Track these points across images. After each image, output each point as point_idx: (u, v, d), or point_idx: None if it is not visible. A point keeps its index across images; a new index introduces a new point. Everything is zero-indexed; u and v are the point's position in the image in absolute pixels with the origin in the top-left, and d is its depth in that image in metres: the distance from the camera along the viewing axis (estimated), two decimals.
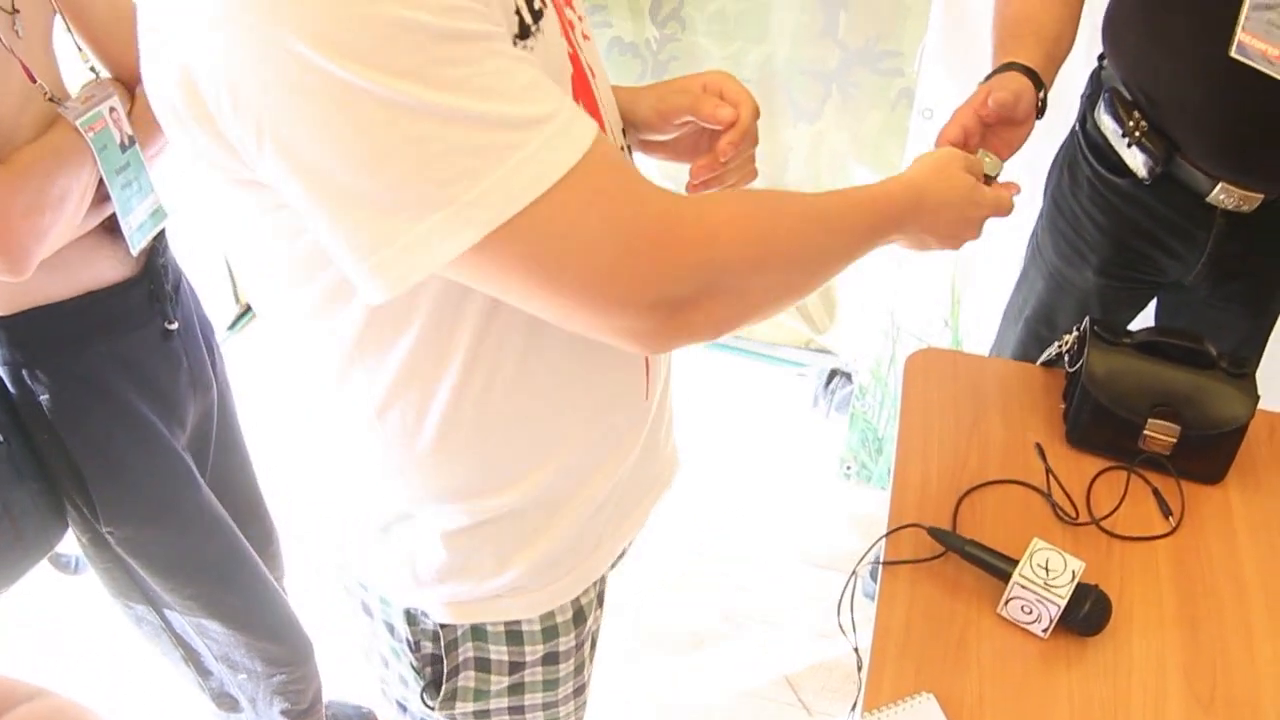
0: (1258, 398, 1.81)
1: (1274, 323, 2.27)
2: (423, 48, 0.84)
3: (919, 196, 1.33)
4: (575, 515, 1.33)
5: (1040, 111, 1.74)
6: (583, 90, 1.14)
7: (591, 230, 0.92)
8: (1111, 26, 2.09)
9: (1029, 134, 1.72)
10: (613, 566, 1.50)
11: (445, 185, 0.86)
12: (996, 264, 2.69)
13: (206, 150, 0.93)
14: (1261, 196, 2.00)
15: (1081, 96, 2.20)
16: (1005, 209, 1.52)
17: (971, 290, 2.94)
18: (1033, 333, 2.38)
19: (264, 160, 0.88)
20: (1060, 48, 1.87)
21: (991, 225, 1.50)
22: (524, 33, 0.98)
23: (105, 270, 1.77)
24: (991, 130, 1.67)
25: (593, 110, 1.16)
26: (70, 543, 1.94)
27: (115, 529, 1.89)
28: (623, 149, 1.26)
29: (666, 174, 3.10)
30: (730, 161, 1.36)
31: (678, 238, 0.96)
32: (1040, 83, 1.74)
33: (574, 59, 1.12)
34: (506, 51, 0.90)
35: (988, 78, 1.76)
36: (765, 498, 3.32)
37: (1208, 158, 2.00)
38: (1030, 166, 2.33)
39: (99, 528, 1.88)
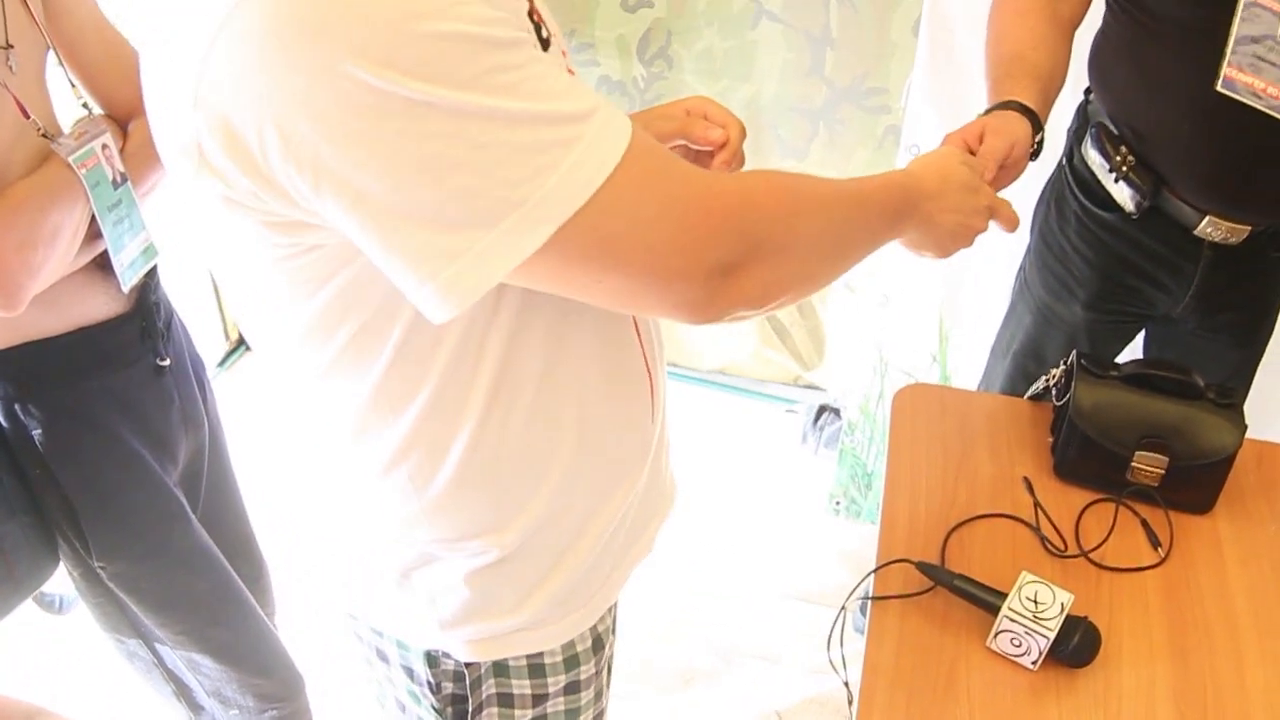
0: (1245, 427, 1.81)
1: (1261, 351, 2.27)
2: (475, 57, 0.85)
3: (923, 185, 1.35)
4: (591, 542, 1.33)
5: (1035, 154, 1.76)
6: None
7: (649, 209, 0.94)
8: (1097, 61, 2.10)
9: (1019, 176, 1.73)
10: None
11: (517, 186, 0.88)
12: (984, 299, 2.70)
13: (244, 196, 0.92)
14: (1249, 229, 2.01)
15: (1068, 131, 2.21)
16: (1006, 213, 1.54)
17: (959, 326, 2.95)
18: (1021, 368, 2.38)
19: (320, 198, 0.88)
20: (1054, 86, 1.89)
21: (979, 259, 1.51)
22: (543, 48, 1.00)
23: (97, 306, 1.77)
24: None
25: None
26: (59, 579, 1.93)
27: (107, 564, 1.88)
28: None
29: None
30: None
31: (724, 206, 0.99)
32: (1038, 124, 1.76)
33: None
34: (541, 56, 0.91)
35: (986, 112, 1.77)
36: (755, 534, 3.31)
37: (1195, 191, 2.00)
38: (1017, 201, 2.34)
39: (91, 563, 1.87)
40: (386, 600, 1.33)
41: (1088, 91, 2.14)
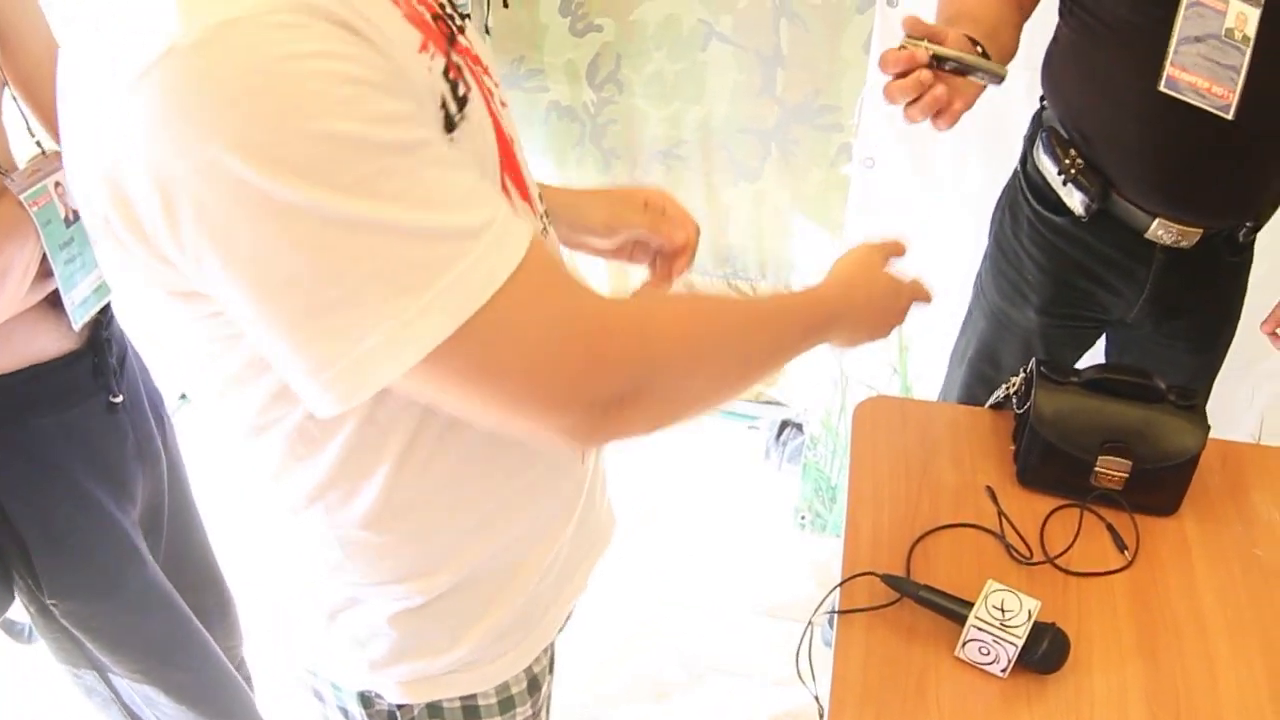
0: (1208, 428, 1.81)
1: (1222, 356, 2.28)
2: (362, 161, 0.81)
3: (848, 297, 1.35)
4: (522, 584, 1.31)
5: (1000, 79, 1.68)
6: (508, 162, 1.13)
7: (531, 333, 0.90)
8: (1049, 67, 2.11)
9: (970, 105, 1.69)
10: (560, 630, 1.47)
11: (390, 300, 0.84)
12: (943, 308, 2.68)
13: (143, 263, 0.90)
14: (1200, 231, 2.01)
15: (1024, 139, 2.21)
16: (925, 297, 1.56)
17: (919, 336, 2.94)
18: (977, 373, 2.38)
19: (205, 277, 0.86)
20: (999, 34, 1.84)
21: (937, 268, 1.50)
22: (449, 125, 0.96)
23: (49, 344, 1.74)
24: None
25: (518, 180, 1.15)
26: (21, 609, 1.90)
27: (60, 602, 1.85)
28: (543, 214, 1.26)
29: None
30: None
31: (613, 337, 0.96)
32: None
33: (497, 130, 1.11)
34: (442, 158, 0.88)
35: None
36: (722, 550, 3.28)
37: (1143, 193, 2.01)
38: (974, 208, 2.34)
39: (44, 600, 1.83)
40: (316, 642, 1.31)
41: (1043, 99, 2.14)
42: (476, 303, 0.86)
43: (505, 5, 3.02)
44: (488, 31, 2.98)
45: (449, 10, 1.11)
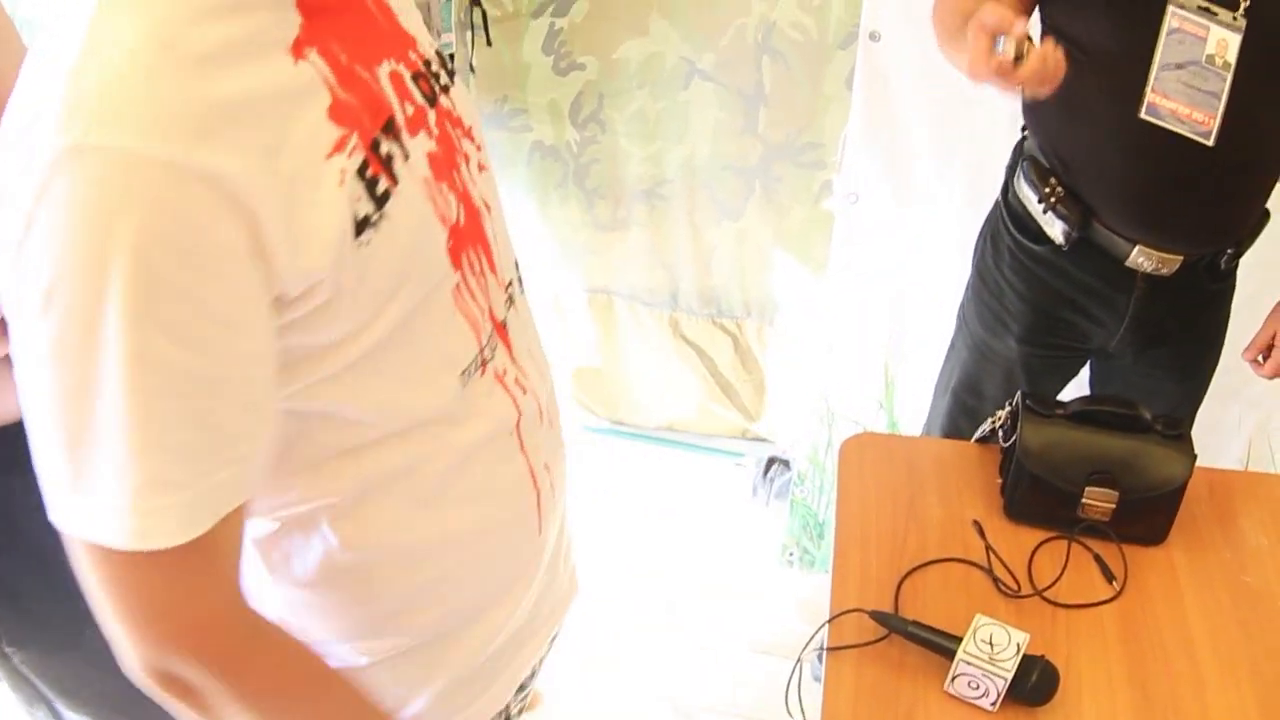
0: (1194, 457, 1.80)
1: (1206, 383, 2.27)
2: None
3: None
4: (474, 649, 1.31)
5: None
6: (473, 232, 1.14)
7: (140, 592, 0.98)
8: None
9: None
10: (520, 692, 1.47)
11: (99, 469, 0.90)
12: (928, 343, 2.69)
13: None
14: (1180, 258, 2.01)
15: (1005, 169, 2.22)
16: None
17: (905, 370, 2.93)
18: (960, 403, 2.38)
19: None
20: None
21: (921, 303, 1.50)
22: (360, 228, 0.96)
23: (13, 403, 1.72)
24: None
25: (485, 251, 1.17)
26: None
27: (17, 650, 1.84)
28: (511, 283, 1.27)
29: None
30: None
31: (207, 644, 1.01)
32: None
33: (465, 198, 1.12)
34: (237, 397, 0.92)
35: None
36: (710, 587, 3.26)
37: (1123, 220, 2.01)
38: (959, 242, 2.34)
39: (2, 647, 1.81)
40: None
41: (1024, 129, 2.14)
42: (120, 542, 0.92)
43: (489, 44, 3.02)
44: (472, 70, 2.97)
45: (436, 68, 1.13)
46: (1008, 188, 2.19)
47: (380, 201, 0.98)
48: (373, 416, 1.08)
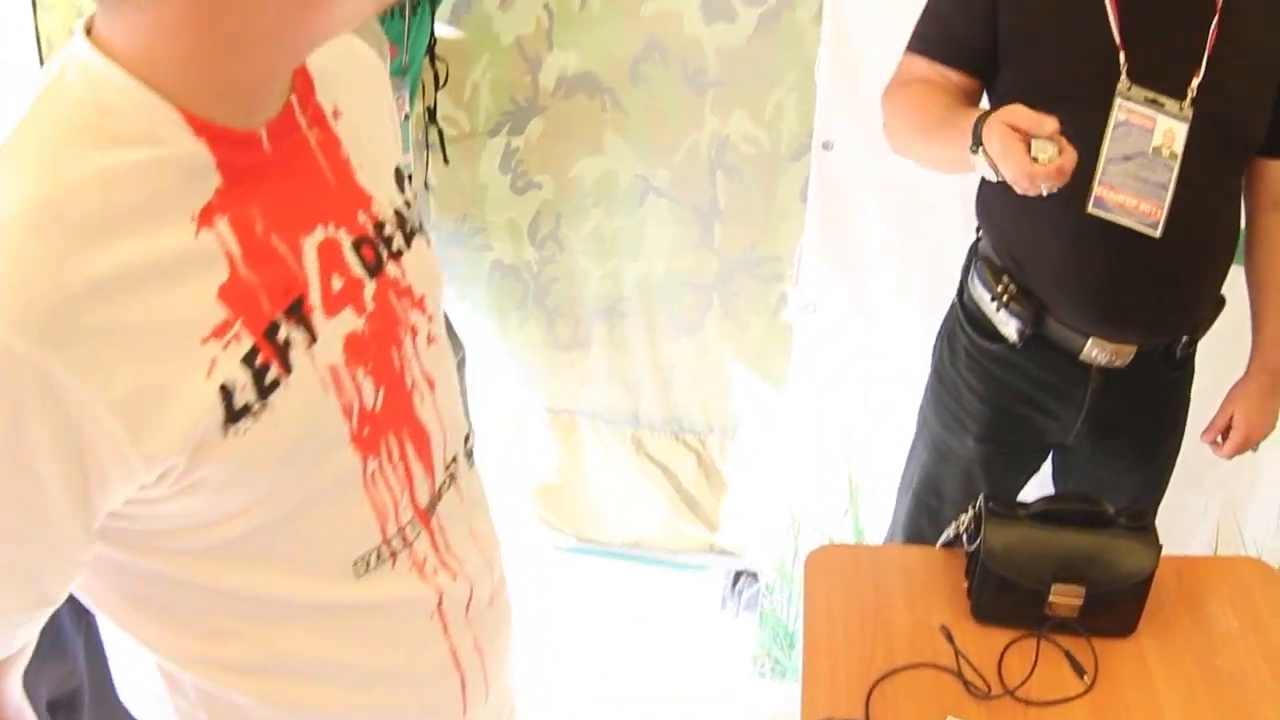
0: (1160, 547, 1.80)
1: (1168, 471, 2.28)
2: None
3: None
4: None
5: None
6: (395, 416, 1.10)
7: None
8: (982, 196, 2.14)
9: None
10: None
11: None
12: (891, 447, 2.68)
13: None
14: (1134, 349, 2.03)
15: (961, 269, 2.23)
16: None
17: (869, 476, 2.92)
18: (921, 504, 2.37)
19: None
20: None
21: (883, 409, 1.49)
22: (236, 416, 0.92)
23: None
24: None
25: (415, 435, 1.12)
26: None
27: None
28: (454, 460, 1.22)
29: None
30: None
31: None
32: None
33: (393, 379, 1.08)
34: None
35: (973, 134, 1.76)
36: (682, 701, 3.21)
37: (1075, 314, 2.02)
38: (919, 345, 2.35)
39: None
40: None
41: (979, 230, 2.16)
42: None
43: (445, 162, 3.03)
44: (426, 186, 2.98)
45: (390, 230, 1.09)
46: (963, 288, 2.21)
47: (266, 391, 0.93)
48: (256, 595, 1.04)
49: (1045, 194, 1.66)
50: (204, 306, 0.89)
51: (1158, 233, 1.88)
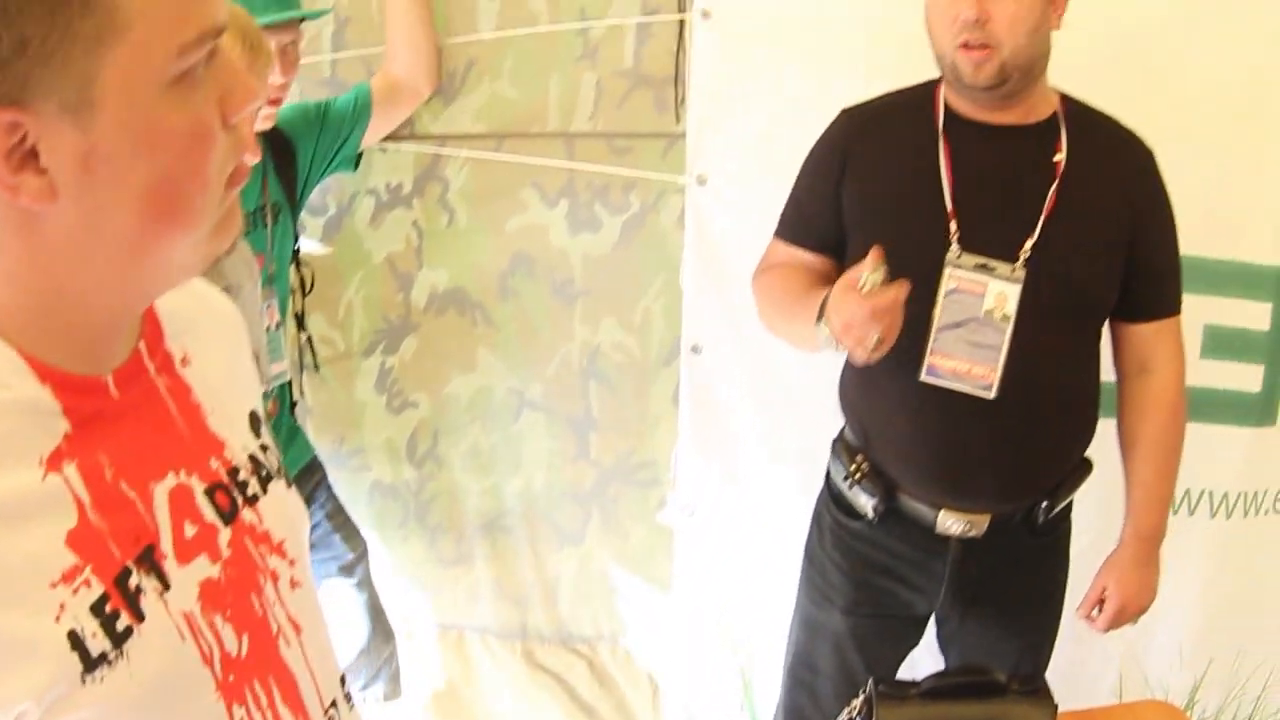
0: (1055, 707, 1.80)
1: (1048, 634, 2.27)
2: None
3: None
4: None
5: None
6: (262, 662, 1.06)
7: None
8: (840, 379, 2.20)
9: None
10: None
11: None
12: (780, 638, 2.68)
13: None
14: (988, 517, 2.04)
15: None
16: None
17: (761, 668, 2.90)
18: (797, 680, 2.36)
19: None
20: None
21: (768, 601, 1.49)
22: (93, 665, 0.89)
23: None
24: None
25: (281, 680, 1.08)
26: None
27: None
28: (334, 704, 1.17)
29: None
30: None
31: None
32: None
33: (257, 625, 1.05)
34: None
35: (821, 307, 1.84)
36: None
37: (922, 486, 2.06)
38: (798, 535, 2.37)
39: None
40: None
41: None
42: None
43: (316, 368, 3.00)
44: (294, 405, 2.96)
45: (245, 476, 1.08)
46: (829, 472, 2.24)
47: (120, 639, 0.90)
48: None
49: (875, 343, 1.74)
50: (52, 551, 0.86)
51: (992, 394, 1.93)
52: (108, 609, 0.88)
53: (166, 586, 0.94)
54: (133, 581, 0.91)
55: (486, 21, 2.84)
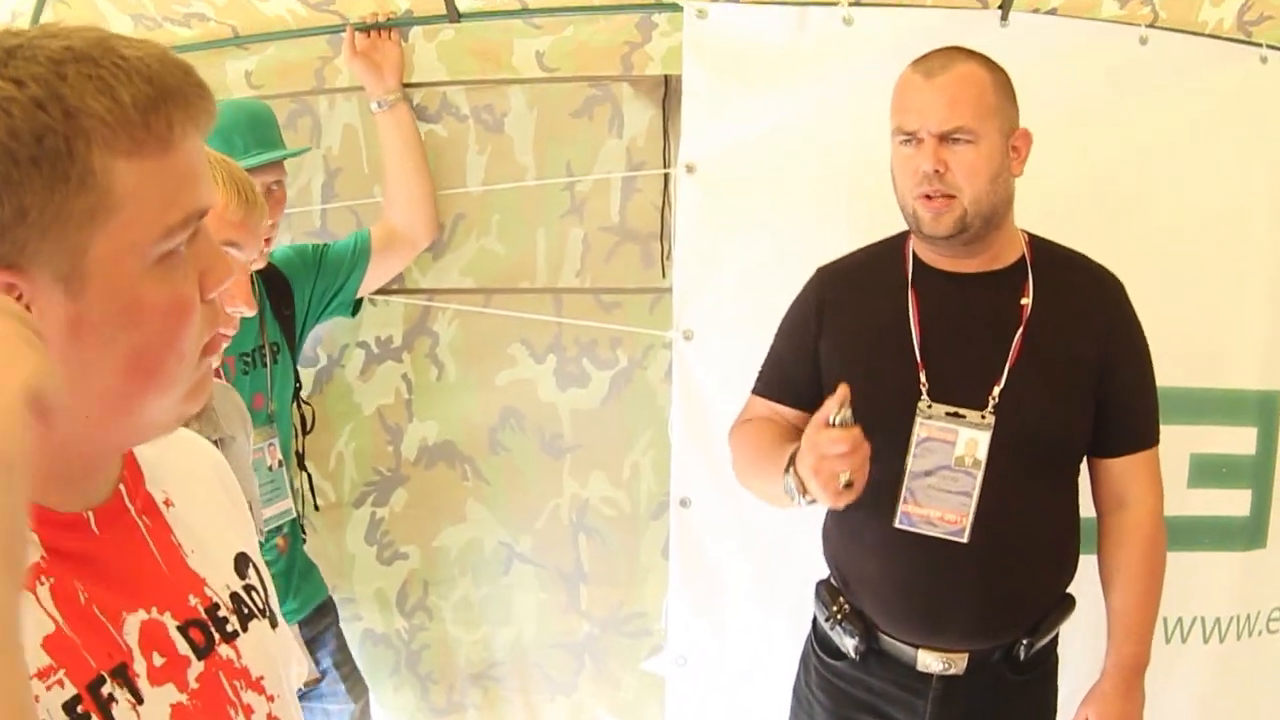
0: None
1: None
2: None
3: None
4: None
5: None
6: None
7: None
8: (823, 527, 2.21)
9: None
10: None
11: None
12: None
13: None
14: (965, 655, 2.03)
15: None
16: None
17: None
18: None
19: None
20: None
21: None
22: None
23: None
24: None
25: None
26: None
27: None
28: None
29: None
30: None
31: None
32: None
33: None
34: None
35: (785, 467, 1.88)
36: None
37: (899, 625, 2.06)
38: (788, 681, 2.33)
39: None
40: None
41: None
42: None
43: (316, 508, 3.01)
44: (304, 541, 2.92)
45: (225, 613, 1.08)
46: (815, 613, 2.23)
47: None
48: None
49: (844, 485, 1.77)
50: (28, 650, 0.85)
51: (964, 539, 1.94)
52: (79, 709, 0.90)
53: (140, 700, 0.95)
54: (105, 690, 0.92)
55: (474, 176, 2.89)
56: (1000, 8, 2.53)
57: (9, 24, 1.57)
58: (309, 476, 2.96)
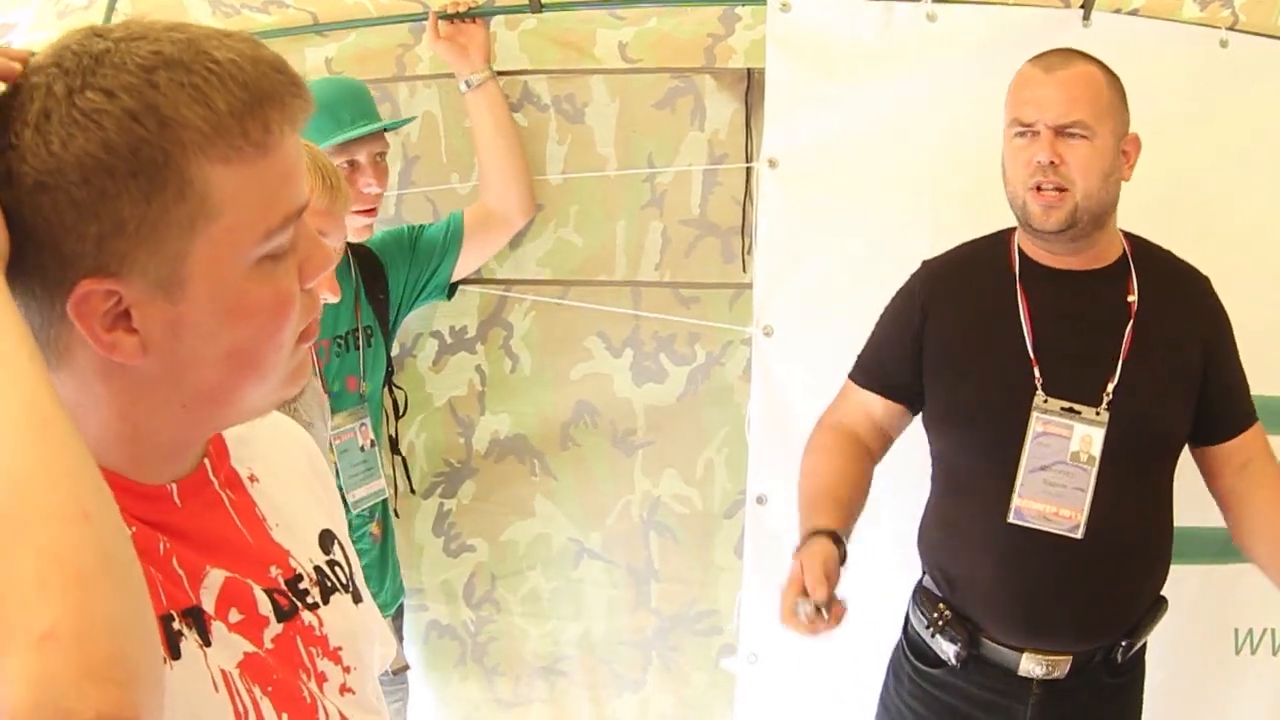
0: None
1: None
2: None
3: None
4: None
5: (843, 560, 1.94)
6: None
7: None
8: (920, 531, 2.18)
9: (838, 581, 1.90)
10: None
11: None
12: None
13: None
14: (1069, 658, 2.00)
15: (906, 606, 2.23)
16: None
17: None
18: None
19: None
20: (855, 510, 2.06)
21: None
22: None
23: None
24: None
25: None
26: None
27: None
28: None
29: None
30: None
31: None
32: (840, 542, 1.93)
33: (308, 711, 1.02)
34: None
35: (798, 548, 1.95)
36: None
37: (1006, 628, 2.01)
38: (869, 688, 2.35)
39: None
40: None
41: (924, 570, 2.19)
42: None
43: (412, 491, 2.98)
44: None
45: (307, 585, 1.06)
46: (906, 621, 2.20)
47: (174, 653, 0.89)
48: None
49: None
50: None
51: (1080, 535, 1.92)
52: (176, 624, 0.91)
53: (208, 644, 0.94)
54: (175, 625, 0.91)
55: (554, 166, 2.82)
56: (1082, 7, 2.47)
57: (90, 22, 1.48)
58: (404, 461, 2.93)
